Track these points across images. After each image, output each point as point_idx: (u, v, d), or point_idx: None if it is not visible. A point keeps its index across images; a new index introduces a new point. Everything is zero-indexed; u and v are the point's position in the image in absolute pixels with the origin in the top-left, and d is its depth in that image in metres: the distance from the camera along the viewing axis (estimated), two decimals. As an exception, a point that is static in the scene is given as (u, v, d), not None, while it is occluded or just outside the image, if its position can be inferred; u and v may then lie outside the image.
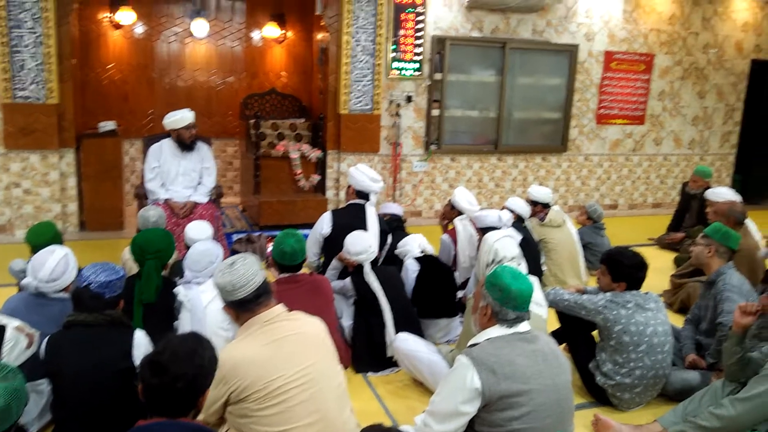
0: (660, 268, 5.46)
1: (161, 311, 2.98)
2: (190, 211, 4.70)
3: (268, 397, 2.04)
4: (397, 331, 3.30)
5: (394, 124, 6.83)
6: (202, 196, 4.85)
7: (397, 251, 4.00)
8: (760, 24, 8.30)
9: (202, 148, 4.96)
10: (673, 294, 4.57)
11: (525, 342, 2.18)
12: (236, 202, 7.56)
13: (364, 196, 4.03)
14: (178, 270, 3.37)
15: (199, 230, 3.58)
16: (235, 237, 5.62)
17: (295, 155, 6.38)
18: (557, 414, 2.14)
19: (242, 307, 2.15)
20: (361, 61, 6.45)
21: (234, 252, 5.34)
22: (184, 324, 2.98)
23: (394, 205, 5.01)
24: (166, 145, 4.83)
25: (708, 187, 5.74)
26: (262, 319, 2.15)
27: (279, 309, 2.21)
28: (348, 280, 3.52)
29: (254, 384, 2.03)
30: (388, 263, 3.96)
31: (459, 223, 4.36)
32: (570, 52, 7.44)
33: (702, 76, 8.21)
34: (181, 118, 4.72)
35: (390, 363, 3.36)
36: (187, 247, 3.40)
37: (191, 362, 1.74)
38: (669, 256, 5.76)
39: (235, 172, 7.92)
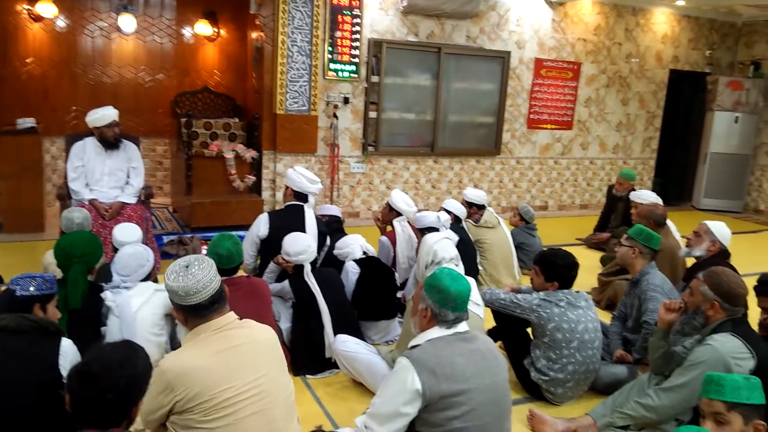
0: (587, 266, 5.68)
1: (87, 318, 2.83)
2: (118, 213, 4.50)
3: (216, 408, 1.94)
4: (336, 333, 3.28)
5: (331, 125, 6.80)
6: (129, 197, 4.65)
7: (336, 252, 3.96)
8: (677, 36, 8.81)
9: (129, 147, 4.76)
10: (600, 292, 4.77)
11: (464, 342, 2.20)
12: (167, 203, 7.30)
13: (302, 197, 3.98)
14: (105, 274, 3.21)
15: (127, 232, 3.42)
16: (166, 239, 5.43)
17: (229, 155, 6.23)
18: (496, 411, 2.17)
19: (194, 313, 2.03)
20: (297, 62, 6.38)
21: (166, 255, 5.16)
22: (113, 331, 2.84)
23: (332, 206, 4.98)
24: (90, 144, 4.61)
25: (632, 190, 6.03)
26: (213, 326, 2.04)
27: (232, 316, 2.10)
28: (286, 282, 3.46)
29: (202, 394, 1.93)
30: (327, 265, 3.93)
31: (398, 224, 4.39)
32: (502, 58, 7.64)
33: (625, 84, 8.63)
34: (102, 116, 4.52)
35: (329, 365, 3.33)
36: (115, 250, 3.24)
37: (123, 371, 1.66)
38: (596, 256, 6.01)
39: (166, 172, 7.66)
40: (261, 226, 3.80)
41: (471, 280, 2.69)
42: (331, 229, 4.30)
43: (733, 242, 4.08)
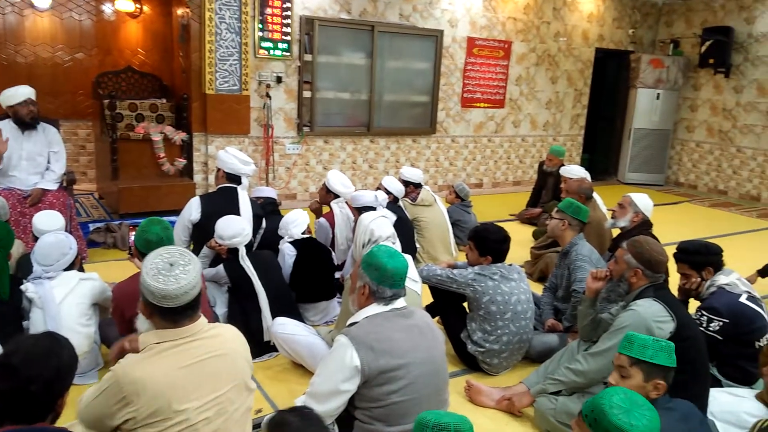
0: (520, 241, 5.85)
1: (7, 311, 2.68)
2: (38, 200, 4.26)
3: (171, 428, 1.77)
4: (274, 316, 3.24)
5: (264, 105, 6.65)
6: (50, 183, 4.41)
7: (280, 231, 3.88)
8: (602, 15, 9.10)
9: (48, 130, 4.49)
10: (533, 264, 4.93)
11: (402, 317, 2.23)
12: (92, 188, 6.96)
13: (235, 179, 3.88)
14: (26, 265, 3.04)
15: (48, 220, 3.24)
16: (92, 227, 5.19)
17: (157, 138, 5.99)
18: (434, 384, 2.22)
19: (164, 316, 1.83)
20: (226, 40, 6.18)
21: (93, 243, 4.94)
22: (37, 324, 2.71)
23: (267, 188, 4.90)
24: (6, 127, 4.32)
25: (562, 165, 6.23)
26: (183, 333, 1.85)
27: (202, 323, 1.93)
28: (221, 267, 3.38)
29: (160, 412, 1.75)
30: (264, 248, 3.86)
31: (336, 206, 4.36)
32: (435, 37, 7.67)
33: (554, 63, 8.86)
34: (14, 93, 4.25)
35: (268, 348, 3.30)
36: (36, 239, 3.07)
37: (46, 363, 1.59)
38: (528, 230, 6.20)
39: (89, 157, 7.29)
40: (192, 210, 3.69)
41: (408, 257, 2.72)
42: (267, 211, 4.24)
43: (655, 213, 4.30)
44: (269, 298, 3.28)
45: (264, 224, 4.02)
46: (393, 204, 4.61)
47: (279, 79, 6.66)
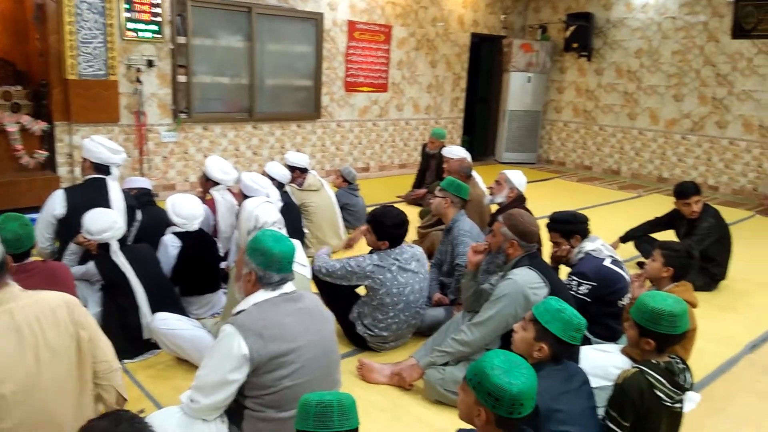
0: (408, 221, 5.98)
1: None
2: None
3: None
4: (154, 311, 3.07)
5: (135, 91, 6.24)
6: None
7: (183, 221, 3.62)
8: (476, 1, 9.45)
9: None
10: (420, 243, 5.04)
11: (291, 302, 2.19)
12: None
13: (104, 169, 3.60)
14: None
15: None
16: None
17: (12, 128, 5.44)
18: (325, 365, 2.21)
19: None
20: (88, 20, 5.72)
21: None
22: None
23: (140, 178, 4.61)
24: None
25: (443, 147, 6.43)
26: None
27: (16, 290, 1.83)
28: (91, 264, 3.14)
29: None
30: (141, 240, 3.63)
31: (216, 193, 4.20)
32: (315, 20, 7.58)
33: (433, 47, 9.09)
34: None
35: (149, 346, 3.12)
36: None
37: None
38: (415, 211, 6.34)
39: (-68, 152, 6.47)
40: (56, 204, 3.39)
41: (296, 242, 2.68)
42: (142, 202, 3.99)
43: (528, 189, 4.56)
44: (147, 293, 3.09)
45: (139, 216, 3.79)
46: (279, 190, 4.52)
47: (150, 63, 6.27)
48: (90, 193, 3.50)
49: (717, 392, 3.09)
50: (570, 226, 3.34)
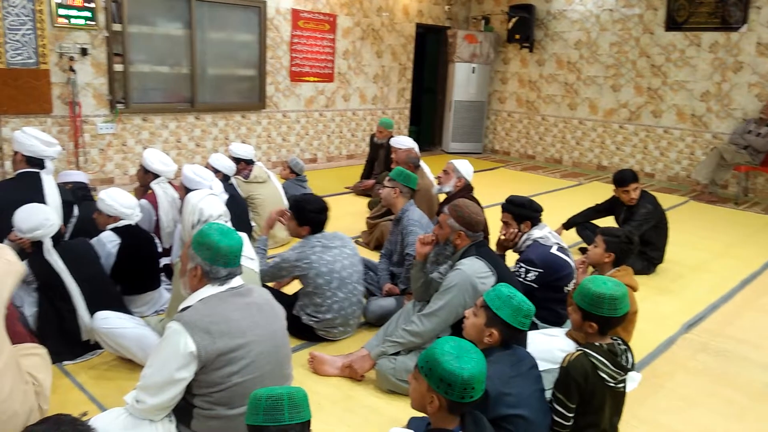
0: (357, 212, 5.98)
1: None
2: None
3: None
4: (94, 311, 2.94)
5: (68, 80, 5.95)
6: None
7: (128, 211, 3.47)
8: (420, -8, 9.47)
9: None
10: (369, 234, 5.06)
11: (239, 296, 2.15)
12: None
13: (38, 163, 3.43)
14: None
15: None
16: None
17: (-67, 120, 5.10)
18: (275, 360, 2.18)
19: None
20: (15, 6, 5.42)
21: None
22: None
23: (76, 172, 4.41)
24: None
25: (391, 137, 6.44)
26: None
27: None
28: (25, 262, 2.98)
29: None
30: (79, 236, 3.47)
31: (157, 186, 4.06)
32: (258, 8, 7.43)
33: (378, 37, 9.07)
34: None
35: (89, 347, 3.00)
36: None
37: None
38: (364, 201, 6.34)
39: None
40: None
41: (243, 235, 2.62)
42: (78, 197, 3.82)
43: (475, 179, 4.63)
44: (86, 292, 2.95)
45: (76, 211, 3.62)
46: (224, 182, 4.41)
47: (84, 51, 5.99)
48: (22, 188, 3.33)
49: (657, 371, 3.23)
50: (524, 210, 3.40)
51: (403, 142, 5.87)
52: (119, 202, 3.39)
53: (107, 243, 3.36)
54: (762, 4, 7.53)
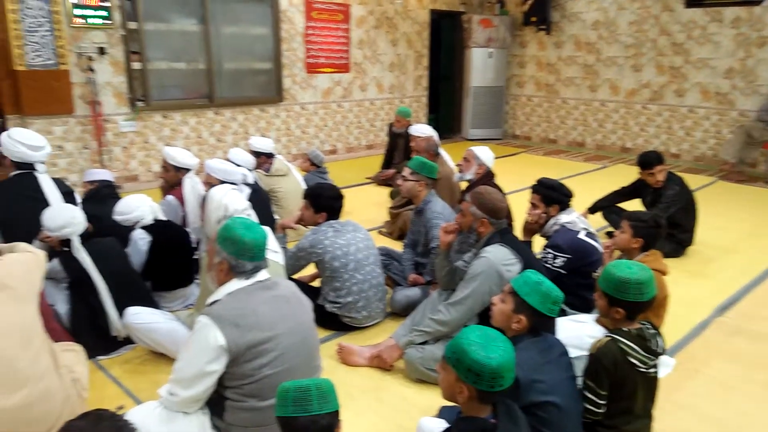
0: (379, 202, 5.98)
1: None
2: None
3: None
4: (123, 307, 2.98)
5: (88, 80, 6.01)
6: None
7: (120, 218, 3.49)
8: (434, -22, 9.37)
9: None
10: (392, 223, 5.04)
11: (266, 290, 2.16)
12: None
13: (27, 167, 3.38)
14: None
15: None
16: None
17: (-40, 124, 5.19)
18: (304, 352, 2.19)
19: None
20: (32, 8, 5.48)
21: None
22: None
23: (100, 170, 4.45)
24: None
25: (410, 126, 6.40)
26: None
27: None
28: (56, 261, 3.03)
29: None
30: (107, 234, 3.50)
31: (188, 180, 4.07)
32: (271, 0, 7.41)
33: (392, 26, 9.00)
34: None
35: (122, 342, 3.05)
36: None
37: None
38: (385, 191, 6.33)
39: None
40: None
41: (267, 229, 2.63)
42: (103, 195, 3.86)
43: (496, 165, 4.58)
44: (114, 288, 2.99)
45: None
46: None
47: (102, 51, 6.04)
48: (19, 189, 3.32)
49: (691, 356, 3.18)
50: (553, 193, 3.34)
51: (422, 130, 5.83)
52: (127, 209, 3.43)
53: (138, 240, 3.39)
54: (788, -25, 7.31)
